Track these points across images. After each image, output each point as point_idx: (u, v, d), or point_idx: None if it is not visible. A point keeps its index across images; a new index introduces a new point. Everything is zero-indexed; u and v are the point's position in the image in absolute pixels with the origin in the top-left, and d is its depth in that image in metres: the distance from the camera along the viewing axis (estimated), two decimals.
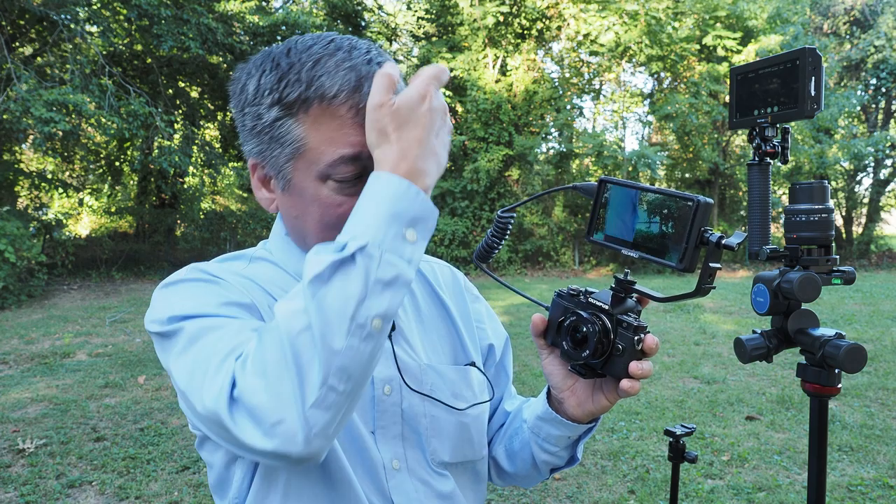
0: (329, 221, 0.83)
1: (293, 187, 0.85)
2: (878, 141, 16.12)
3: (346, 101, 0.79)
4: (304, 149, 0.81)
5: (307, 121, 0.80)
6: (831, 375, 1.09)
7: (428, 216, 0.72)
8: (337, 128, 0.80)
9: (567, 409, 0.93)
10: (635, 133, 25.10)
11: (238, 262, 0.95)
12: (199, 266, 0.89)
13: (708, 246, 0.75)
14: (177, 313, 0.79)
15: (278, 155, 0.83)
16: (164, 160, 11.81)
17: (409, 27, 18.52)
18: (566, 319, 0.83)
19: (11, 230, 9.73)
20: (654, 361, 6.46)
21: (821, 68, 1.03)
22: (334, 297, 0.65)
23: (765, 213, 1.13)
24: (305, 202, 0.84)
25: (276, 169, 0.85)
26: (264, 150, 0.85)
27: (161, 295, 0.85)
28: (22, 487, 3.60)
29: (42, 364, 6.33)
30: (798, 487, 3.65)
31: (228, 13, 14.13)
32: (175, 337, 0.78)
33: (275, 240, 0.96)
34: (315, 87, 0.79)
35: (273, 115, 0.81)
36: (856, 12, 18.38)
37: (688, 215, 0.75)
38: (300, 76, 0.79)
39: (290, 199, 0.86)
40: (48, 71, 11.72)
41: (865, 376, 5.74)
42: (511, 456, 1.06)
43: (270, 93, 0.81)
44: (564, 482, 3.73)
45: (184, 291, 0.83)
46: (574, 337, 0.82)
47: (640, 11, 14.75)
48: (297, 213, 0.87)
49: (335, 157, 0.80)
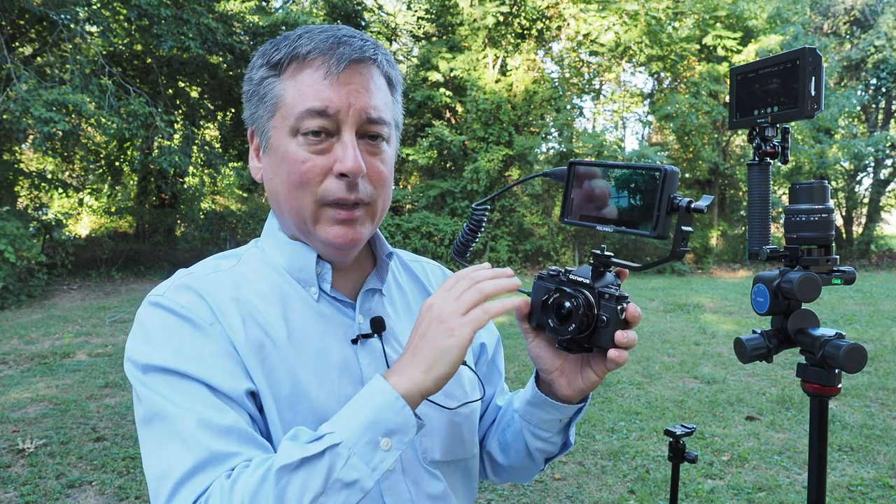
0: (294, 179, 0.86)
1: (271, 147, 0.90)
2: (878, 141, 16.13)
3: (316, 57, 0.86)
4: (281, 104, 0.87)
5: (285, 79, 0.87)
6: (831, 375, 1.09)
7: (407, 430, 0.76)
8: (309, 84, 0.85)
9: (558, 391, 0.93)
10: (635, 133, 25.12)
11: (229, 261, 0.96)
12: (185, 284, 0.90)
13: (679, 211, 0.76)
14: (152, 362, 0.83)
15: (262, 114, 0.90)
16: (164, 160, 11.81)
17: (409, 27, 18.52)
18: (549, 297, 0.85)
19: (11, 230, 9.73)
20: (655, 361, 6.46)
21: (821, 68, 1.03)
22: (294, 488, 0.72)
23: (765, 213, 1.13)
24: (278, 161, 0.88)
25: (261, 130, 0.91)
26: (253, 112, 0.92)
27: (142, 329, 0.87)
28: (22, 487, 3.60)
29: (42, 364, 6.33)
30: (798, 487, 3.64)
31: (228, 13, 14.13)
32: (143, 398, 0.84)
33: (266, 236, 0.99)
34: (294, 48, 0.87)
35: (259, 76, 0.90)
36: (856, 12, 18.39)
37: (656, 185, 0.77)
38: (287, 42, 0.88)
39: (269, 160, 0.91)
40: (48, 71, 11.72)
41: (865, 376, 5.74)
42: (504, 448, 1.07)
43: (261, 57, 0.91)
44: (564, 482, 3.73)
45: (161, 331, 0.86)
46: (559, 313, 0.83)
47: (640, 11, 14.75)
48: (272, 174, 0.90)
49: (303, 108, 0.85)
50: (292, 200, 0.88)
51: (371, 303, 0.97)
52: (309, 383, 0.87)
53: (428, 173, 16.76)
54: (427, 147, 15.32)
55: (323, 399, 0.87)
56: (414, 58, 17.88)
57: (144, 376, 0.83)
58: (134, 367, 0.85)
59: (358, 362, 0.91)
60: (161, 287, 0.91)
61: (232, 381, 0.83)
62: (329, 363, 0.90)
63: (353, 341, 0.92)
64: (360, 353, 0.92)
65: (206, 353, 0.84)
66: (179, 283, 0.90)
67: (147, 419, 0.82)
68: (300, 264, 0.93)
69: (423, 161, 15.30)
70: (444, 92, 15.61)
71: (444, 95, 15.57)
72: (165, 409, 0.80)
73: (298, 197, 0.87)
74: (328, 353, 0.90)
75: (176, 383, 0.82)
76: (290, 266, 0.94)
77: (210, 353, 0.84)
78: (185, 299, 0.88)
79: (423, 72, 16.06)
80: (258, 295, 0.91)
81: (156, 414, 0.81)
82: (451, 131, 15.54)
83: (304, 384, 0.87)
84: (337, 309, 0.94)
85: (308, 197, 0.87)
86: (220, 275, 0.92)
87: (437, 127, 15.34)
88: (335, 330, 0.92)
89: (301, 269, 0.93)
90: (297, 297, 0.92)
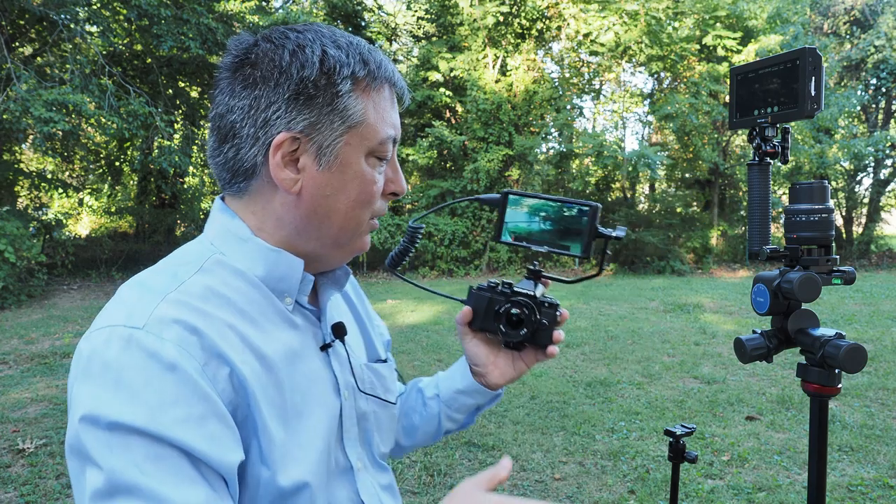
0: (363, 199, 0.88)
1: (338, 163, 0.85)
2: (878, 141, 16.11)
3: (385, 83, 0.88)
4: (362, 124, 0.85)
5: (368, 98, 0.86)
6: (831, 375, 1.09)
7: None
8: (387, 110, 0.88)
9: (490, 380, 1.09)
10: (635, 133, 25.13)
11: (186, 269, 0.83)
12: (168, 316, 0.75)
13: (603, 238, 0.96)
14: (123, 420, 0.68)
15: (335, 127, 0.83)
16: (164, 160, 11.80)
17: (409, 27, 18.51)
18: (500, 307, 1.01)
19: (11, 230, 9.72)
20: (655, 361, 6.48)
21: (821, 68, 1.03)
22: None
23: (765, 213, 1.13)
24: (346, 178, 0.86)
25: (322, 143, 0.83)
26: (316, 122, 0.83)
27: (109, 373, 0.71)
28: (22, 487, 3.60)
29: (42, 364, 6.32)
30: (798, 487, 3.64)
31: (228, 13, 14.12)
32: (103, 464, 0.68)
33: (227, 241, 0.88)
34: (381, 69, 0.87)
35: (346, 88, 0.84)
36: (856, 12, 18.38)
37: (585, 217, 0.97)
38: (363, 56, 0.86)
39: (329, 175, 0.85)
40: (48, 71, 11.71)
41: (865, 376, 5.74)
42: (411, 432, 1.20)
43: (342, 67, 0.83)
44: (564, 482, 3.73)
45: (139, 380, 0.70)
46: (510, 320, 1.01)
47: (640, 11, 14.74)
48: (332, 190, 0.85)
49: (386, 135, 0.87)
50: (354, 217, 0.89)
51: (329, 308, 0.98)
52: (304, 400, 0.86)
53: (428, 173, 16.75)
54: (427, 147, 15.31)
55: (317, 413, 0.88)
56: (414, 58, 17.86)
57: (110, 435, 0.68)
58: (93, 424, 0.69)
59: (331, 369, 0.93)
60: (137, 310, 0.75)
61: (219, 450, 0.72)
62: (311, 375, 0.89)
63: (322, 349, 0.92)
64: (331, 360, 0.93)
65: (194, 415, 0.71)
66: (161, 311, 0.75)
67: (107, 493, 0.67)
68: (282, 274, 0.87)
69: (423, 161, 15.29)
70: (444, 92, 15.60)
71: (444, 95, 15.56)
72: (137, 483, 0.66)
73: (360, 214, 0.89)
74: (308, 363, 0.89)
75: (152, 450, 0.68)
76: (269, 276, 0.87)
77: (198, 415, 0.71)
78: (171, 334, 0.73)
79: (423, 72, 16.04)
80: (239, 313, 0.83)
81: (123, 486, 0.67)
82: (451, 131, 15.53)
83: (299, 402, 0.86)
84: (305, 318, 0.92)
85: (367, 213, 0.90)
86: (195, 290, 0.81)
87: (437, 127, 15.32)
88: (307, 340, 0.91)
89: (281, 280, 0.87)
90: (272, 309, 0.87)
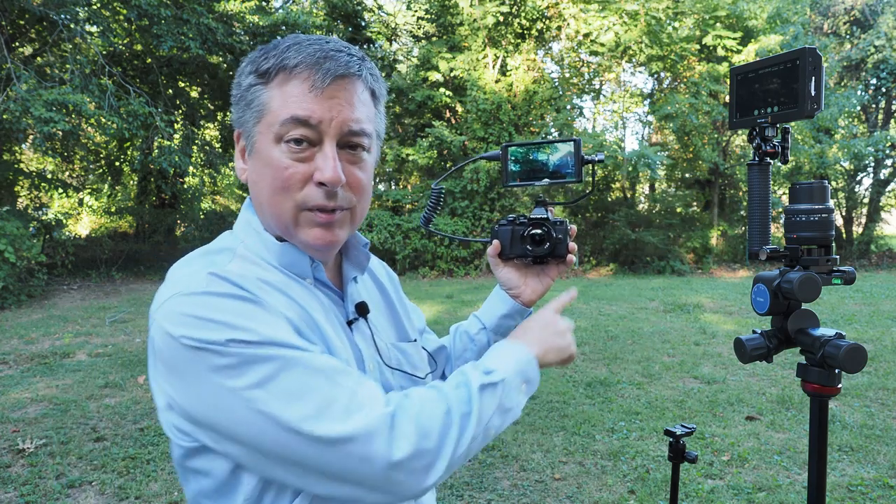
0: (277, 185, 0.91)
1: (256, 151, 0.94)
2: (878, 141, 16.10)
3: (303, 70, 0.90)
4: (267, 111, 0.91)
5: (272, 88, 0.91)
6: (831, 375, 1.09)
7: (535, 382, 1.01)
8: (294, 95, 0.90)
9: (524, 298, 1.24)
10: (635, 133, 25.11)
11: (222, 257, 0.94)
12: (218, 274, 0.87)
13: (588, 164, 1.17)
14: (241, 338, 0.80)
15: (249, 119, 0.94)
16: (164, 160, 11.80)
17: (408, 27, 18.50)
18: (525, 231, 1.20)
19: (11, 230, 9.73)
20: (655, 361, 6.48)
21: (821, 68, 1.03)
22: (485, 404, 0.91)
23: (765, 213, 1.13)
24: (262, 165, 0.93)
25: (247, 134, 0.95)
26: (240, 115, 0.96)
27: (195, 308, 0.82)
28: (22, 487, 3.60)
29: (42, 364, 6.32)
30: (798, 487, 3.64)
31: (228, 13, 14.11)
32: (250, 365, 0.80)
33: (247, 233, 0.99)
34: (282, 59, 0.90)
35: (248, 82, 0.94)
36: (856, 12, 18.38)
37: (572, 149, 1.17)
38: (276, 52, 0.92)
39: (254, 164, 0.95)
40: (48, 71, 11.71)
41: (865, 376, 5.74)
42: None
43: (250, 64, 0.94)
44: (564, 482, 3.73)
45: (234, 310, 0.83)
46: (534, 240, 1.19)
47: (640, 11, 14.73)
48: (257, 177, 0.95)
49: (287, 115, 0.89)
50: (274, 204, 0.93)
51: (351, 289, 1.06)
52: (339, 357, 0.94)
53: (428, 173, 16.75)
54: (427, 147, 15.31)
55: None
56: (414, 58, 17.85)
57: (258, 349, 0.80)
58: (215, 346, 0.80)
59: (356, 344, 1.00)
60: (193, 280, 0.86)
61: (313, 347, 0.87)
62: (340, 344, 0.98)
63: (348, 324, 1.01)
64: (355, 336, 1.01)
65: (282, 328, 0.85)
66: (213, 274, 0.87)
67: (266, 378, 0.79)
68: (292, 260, 0.97)
69: (423, 161, 15.29)
70: (444, 92, 15.60)
71: (444, 95, 15.55)
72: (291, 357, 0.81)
73: (280, 201, 0.92)
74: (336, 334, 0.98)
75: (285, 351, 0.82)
76: (282, 262, 0.97)
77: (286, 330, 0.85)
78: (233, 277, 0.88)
79: (423, 72, 16.04)
80: (277, 291, 0.92)
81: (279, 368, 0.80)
82: (451, 131, 15.53)
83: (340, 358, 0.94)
84: (328, 296, 1.01)
85: (289, 202, 0.92)
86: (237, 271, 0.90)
87: (437, 127, 15.32)
88: (331, 317, 0.99)
89: (294, 265, 0.97)
90: (299, 287, 0.96)
